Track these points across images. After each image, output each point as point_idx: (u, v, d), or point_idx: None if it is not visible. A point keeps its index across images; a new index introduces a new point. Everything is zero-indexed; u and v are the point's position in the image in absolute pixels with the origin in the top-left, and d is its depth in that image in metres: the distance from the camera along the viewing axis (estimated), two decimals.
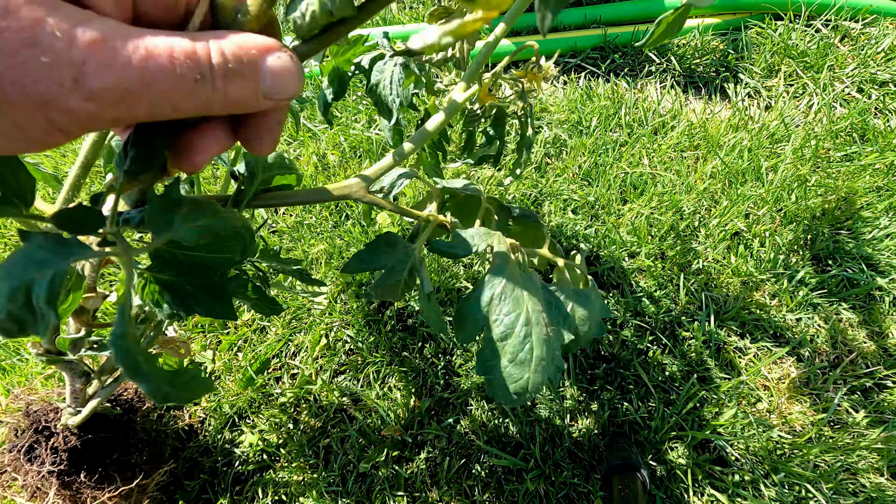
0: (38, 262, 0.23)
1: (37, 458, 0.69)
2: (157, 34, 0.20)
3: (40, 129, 0.19)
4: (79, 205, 0.26)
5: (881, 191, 1.16)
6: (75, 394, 0.67)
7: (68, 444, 0.70)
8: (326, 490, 0.92)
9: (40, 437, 0.70)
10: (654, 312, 1.03)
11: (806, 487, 0.85)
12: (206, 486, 0.94)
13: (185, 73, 0.20)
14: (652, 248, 1.11)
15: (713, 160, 1.24)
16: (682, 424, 0.91)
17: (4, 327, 0.22)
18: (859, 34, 1.45)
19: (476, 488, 0.90)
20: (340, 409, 1.01)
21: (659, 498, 0.86)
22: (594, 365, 1.00)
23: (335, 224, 1.24)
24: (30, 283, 0.22)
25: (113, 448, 0.76)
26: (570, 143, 1.33)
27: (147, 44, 0.19)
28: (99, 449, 0.74)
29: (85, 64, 0.18)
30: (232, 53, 0.21)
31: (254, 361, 1.06)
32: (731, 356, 0.99)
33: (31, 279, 0.22)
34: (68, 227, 0.26)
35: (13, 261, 0.23)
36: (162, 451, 0.90)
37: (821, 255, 1.09)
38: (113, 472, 0.75)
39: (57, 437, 0.70)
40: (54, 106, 0.18)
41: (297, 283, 1.07)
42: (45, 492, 0.68)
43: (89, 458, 0.73)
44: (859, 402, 0.93)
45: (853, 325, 1.00)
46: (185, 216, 0.28)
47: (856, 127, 1.28)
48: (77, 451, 0.71)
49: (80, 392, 0.67)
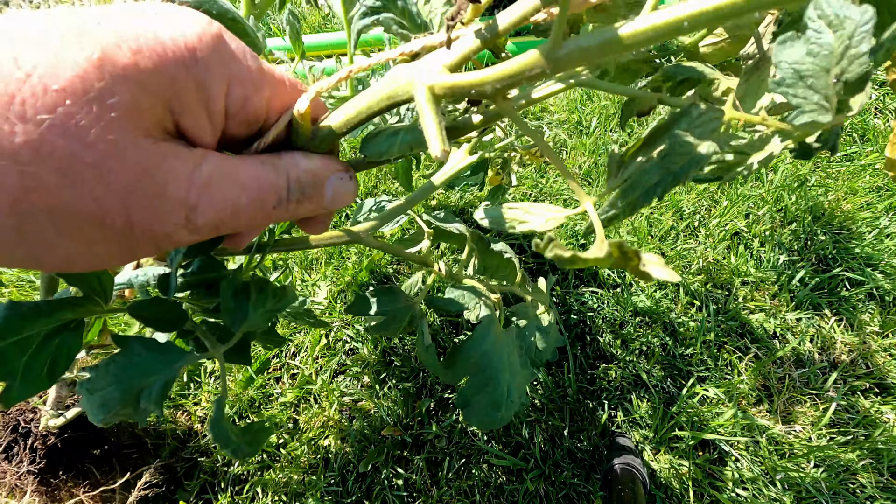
0: (147, 370, 0.26)
1: (14, 456, 0.70)
2: (248, 165, 0.22)
3: (147, 254, 0.21)
4: (155, 298, 0.29)
5: (881, 191, 1.16)
6: (59, 399, 0.69)
7: (47, 443, 0.72)
8: (326, 490, 0.92)
9: (18, 436, 0.71)
10: (654, 312, 1.03)
11: (806, 487, 0.85)
12: (206, 486, 0.94)
13: (267, 203, 0.23)
14: (652, 249, 1.11)
15: None
16: (682, 424, 0.91)
17: (109, 422, 0.25)
18: None
19: (476, 488, 0.90)
20: (340, 409, 1.01)
21: (659, 498, 0.86)
22: (594, 365, 1.00)
23: (335, 224, 1.24)
24: (139, 389, 0.25)
25: (94, 445, 0.78)
26: (570, 143, 1.33)
27: (242, 179, 0.22)
28: (79, 447, 0.76)
29: (197, 206, 0.20)
30: (304, 181, 0.24)
31: (254, 361, 1.06)
32: (731, 356, 0.99)
33: (141, 386, 0.26)
34: (151, 323, 0.28)
35: (121, 368, 0.25)
36: (148, 448, 0.92)
37: (821, 255, 1.09)
38: (93, 469, 0.77)
39: (36, 437, 0.71)
40: (167, 240, 0.21)
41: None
42: (23, 489, 0.69)
43: (69, 456, 0.75)
44: (859, 402, 0.93)
45: (853, 325, 1.00)
46: (254, 304, 0.31)
47: (856, 127, 1.28)
48: (57, 449, 0.73)
49: (63, 398, 0.69)
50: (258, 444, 0.31)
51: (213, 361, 1.09)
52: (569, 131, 1.36)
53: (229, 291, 0.30)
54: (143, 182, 0.19)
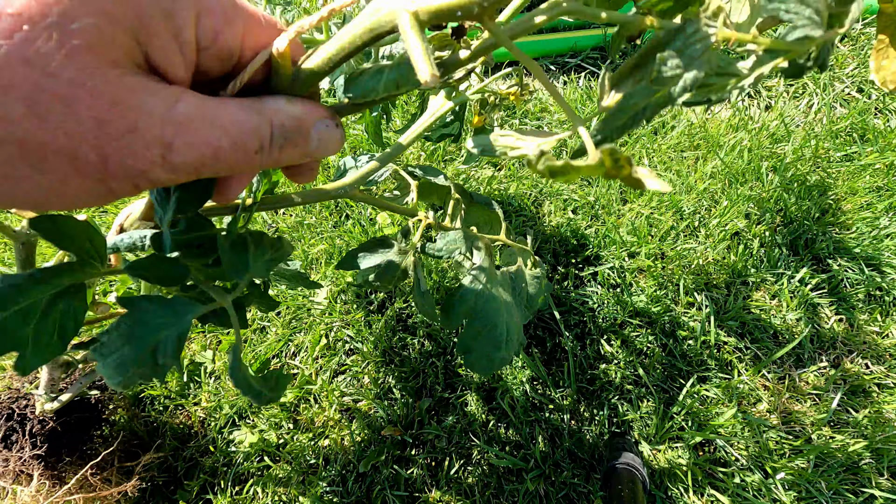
0: (158, 325, 0.26)
1: (14, 444, 0.71)
2: (229, 108, 0.22)
3: (124, 192, 0.21)
4: (154, 255, 0.29)
5: (881, 191, 1.16)
6: (52, 381, 0.69)
7: (46, 428, 0.72)
8: (326, 490, 0.92)
9: (15, 423, 0.72)
10: (654, 312, 1.03)
11: (806, 487, 0.85)
12: (206, 486, 0.94)
13: (249, 147, 0.22)
14: (652, 248, 1.11)
15: (713, 160, 1.24)
16: (682, 424, 0.91)
17: (129, 384, 0.25)
18: (859, 34, 1.45)
19: (476, 488, 0.90)
20: (340, 409, 1.01)
21: (659, 498, 0.86)
22: (594, 365, 1.00)
23: (335, 224, 1.24)
24: (155, 344, 0.25)
25: (91, 426, 0.80)
26: (569, 143, 1.33)
27: (223, 121, 0.21)
28: (77, 428, 0.77)
29: (172, 144, 0.20)
30: (289, 126, 0.24)
31: (254, 361, 1.06)
32: (731, 356, 0.99)
33: (155, 342, 0.26)
34: (153, 280, 0.28)
35: (131, 327, 0.26)
36: (147, 443, 0.94)
37: (821, 255, 1.09)
38: (96, 448, 0.78)
39: (32, 422, 0.72)
40: (143, 177, 0.20)
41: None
42: (30, 474, 0.70)
43: (70, 439, 0.75)
44: (859, 402, 0.93)
45: (853, 325, 1.00)
46: (254, 255, 0.31)
47: (856, 127, 1.28)
48: (57, 433, 0.73)
49: (57, 380, 0.69)
50: (280, 390, 0.31)
51: (213, 361, 1.09)
52: (569, 131, 1.36)
53: (227, 244, 0.30)
54: (114, 116, 0.18)
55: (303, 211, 1.29)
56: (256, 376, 0.31)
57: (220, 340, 1.11)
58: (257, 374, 0.31)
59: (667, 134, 1.32)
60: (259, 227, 1.26)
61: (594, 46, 1.55)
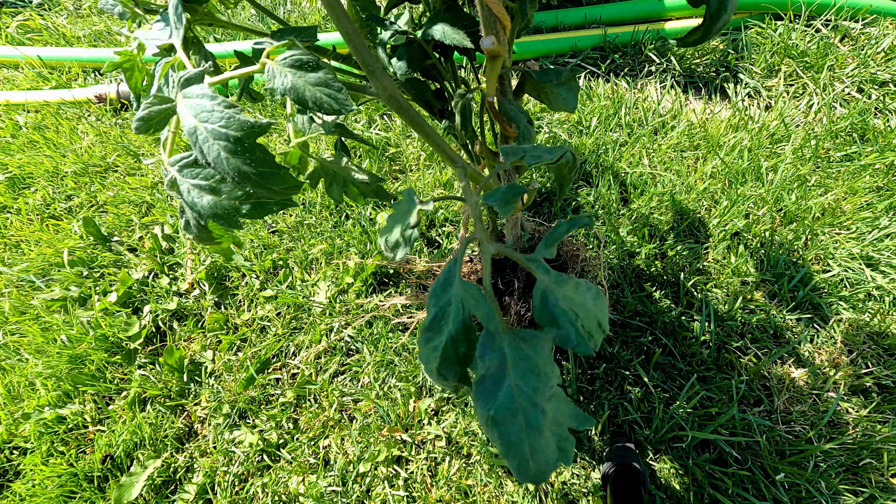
0: (406, 210, 0.39)
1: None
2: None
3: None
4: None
5: (881, 191, 1.16)
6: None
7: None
8: (326, 490, 0.92)
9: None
10: (654, 312, 1.03)
11: (806, 487, 0.85)
12: (206, 486, 0.94)
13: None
14: (652, 248, 1.11)
15: (713, 160, 1.24)
16: (681, 424, 0.91)
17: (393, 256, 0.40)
18: (859, 34, 1.45)
19: (476, 488, 0.90)
20: (340, 409, 1.01)
21: (659, 498, 0.86)
22: (594, 365, 1.00)
23: (335, 224, 1.24)
24: (404, 224, 0.39)
25: None
26: (570, 143, 1.33)
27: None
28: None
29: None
30: None
31: (254, 361, 1.06)
32: (731, 356, 0.99)
33: (405, 222, 0.39)
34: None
35: (398, 211, 0.40)
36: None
37: (821, 255, 1.09)
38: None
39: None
40: None
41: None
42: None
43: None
44: (859, 402, 0.93)
45: (853, 325, 1.00)
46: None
47: (856, 127, 1.28)
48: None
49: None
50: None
51: (213, 362, 1.09)
52: (569, 131, 1.36)
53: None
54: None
55: (303, 211, 1.29)
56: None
57: (220, 340, 1.11)
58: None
59: (667, 134, 1.32)
60: (259, 226, 1.26)
61: (594, 46, 1.55)
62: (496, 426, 0.25)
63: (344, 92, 0.39)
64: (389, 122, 1.45)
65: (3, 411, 1.06)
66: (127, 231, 1.34)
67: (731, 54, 1.48)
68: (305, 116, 0.63)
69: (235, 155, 0.35)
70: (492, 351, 0.27)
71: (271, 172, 0.36)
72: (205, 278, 1.19)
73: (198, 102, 0.36)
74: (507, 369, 0.26)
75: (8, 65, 1.84)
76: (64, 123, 1.61)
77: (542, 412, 0.25)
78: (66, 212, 1.42)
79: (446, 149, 0.44)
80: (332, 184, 0.64)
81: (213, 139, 0.35)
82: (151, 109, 0.39)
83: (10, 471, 1.02)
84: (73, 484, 0.97)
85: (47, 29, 1.94)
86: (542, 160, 0.39)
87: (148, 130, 0.40)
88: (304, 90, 0.39)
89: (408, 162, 1.36)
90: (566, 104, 0.52)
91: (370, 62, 0.37)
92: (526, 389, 0.25)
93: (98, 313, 1.15)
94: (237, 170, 0.35)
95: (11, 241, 1.36)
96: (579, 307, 0.28)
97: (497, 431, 0.25)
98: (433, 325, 0.30)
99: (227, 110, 0.35)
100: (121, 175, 1.47)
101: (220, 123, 0.35)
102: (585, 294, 0.29)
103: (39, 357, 1.12)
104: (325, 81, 0.39)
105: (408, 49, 0.55)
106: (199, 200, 0.37)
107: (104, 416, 1.05)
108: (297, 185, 0.38)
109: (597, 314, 0.28)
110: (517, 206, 0.34)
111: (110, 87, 1.62)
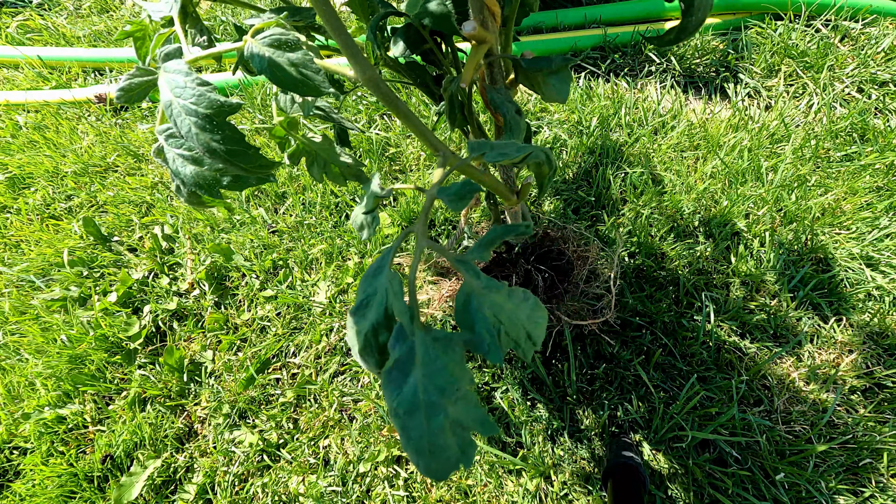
0: (367, 196, 0.43)
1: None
2: None
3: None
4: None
5: (881, 191, 1.16)
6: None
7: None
8: (326, 490, 0.92)
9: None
10: (654, 312, 1.03)
11: (806, 487, 0.85)
12: (206, 486, 0.94)
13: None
14: (652, 248, 1.11)
15: (713, 160, 1.24)
16: (681, 424, 0.91)
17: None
18: (859, 34, 1.45)
19: (476, 488, 0.90)
20: (340, 409, 1.01)
21: (659, 498, 0.86)
22: (594, 365, 1.00)
23: (335, 224, 1.24)
24: (364, 208, 0.42)
25: None
26: (570, 143, 1.33)
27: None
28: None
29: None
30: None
31: (254, 361, 1.06)
32: (731, 356, 0.99)
33: (364, 207, 0.42)
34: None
35: (365, 196, 0.42)
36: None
37: (821, 255, 1.09)
38: None
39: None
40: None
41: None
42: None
43: None
44: (859, 402, 0.93)
45: (853, 325, 1.00)
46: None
47: (856, 127, 1.28)
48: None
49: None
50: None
51: (213, 362, 1.09)
52: (569, 131, 1.36)
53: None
54: None
55: (303, 211, 1.29)
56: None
57: (220, 340, 1.11)
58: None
59: (667, 134, 1.32)
60: (259, 226, 1.26)
61: (594, 46, 1.55)
62: (397, 418, 0.26)
63: (322, 74, 0.39)
64: (389, 122, 1.45)
65: (3, 411, 1.06)
66: (127, 231, 1.34)
67: (731, 54, 1.48)
68: (287, 96, 0.63)
69: (205, 131, 0.35)
70: (401, 345, 0.27)
71: (240, 150, 0.36)
72: (205, 278, 1.19)
73: (173, 78, 0.37)
74: (415, 365, 0.26)
75: (8, 65, 1.84)
76: (64, 123, 1.61)
77: (443, 412, 0.25)
78: (66, 212, 1.42)
79: (428, 135, 0.44)
80: (312, 163, 0.65)
81: (185, 114, 0.36)
82: (132, 81, 0.40)
83: (10, 471, 1.02)
84: (73, 484, 0.97)
85: (47, 29, 1.94)
86: (505, 158, 0.39)
87: (129, 101, 0.40)
88: (281, 70, 0.39)
89: (408, 162, 1.35)
90: (558, 94, 0.51)
91: (349, 44, 0.37)
92: (430, 388, 0.25)
93: (98, 313, 1.15)
94: (206, 145, 0.36)
95: (11, 241, 1.36)
96: (507, 316, 0.28)
97: (399, 423, 0.26)
98: (358, 311, 0.31)
99: (199, 87, 0.36)
100: (121, 175, 1.47)
101: (192, 100, 0.36)
102: (519, 304, 0.28)
103: (39, 357, 1.12)
104: (303, 62, 0.39)
105: (405, 30, 0.55)
106: (182, 169, 0.38)
107: (104, 416, 1.05)
108: (269, 164, 0.39)
109: (526, 326, 0.28)
110: (469, 203, 0.34)
111: (110, 87, 1.62)
